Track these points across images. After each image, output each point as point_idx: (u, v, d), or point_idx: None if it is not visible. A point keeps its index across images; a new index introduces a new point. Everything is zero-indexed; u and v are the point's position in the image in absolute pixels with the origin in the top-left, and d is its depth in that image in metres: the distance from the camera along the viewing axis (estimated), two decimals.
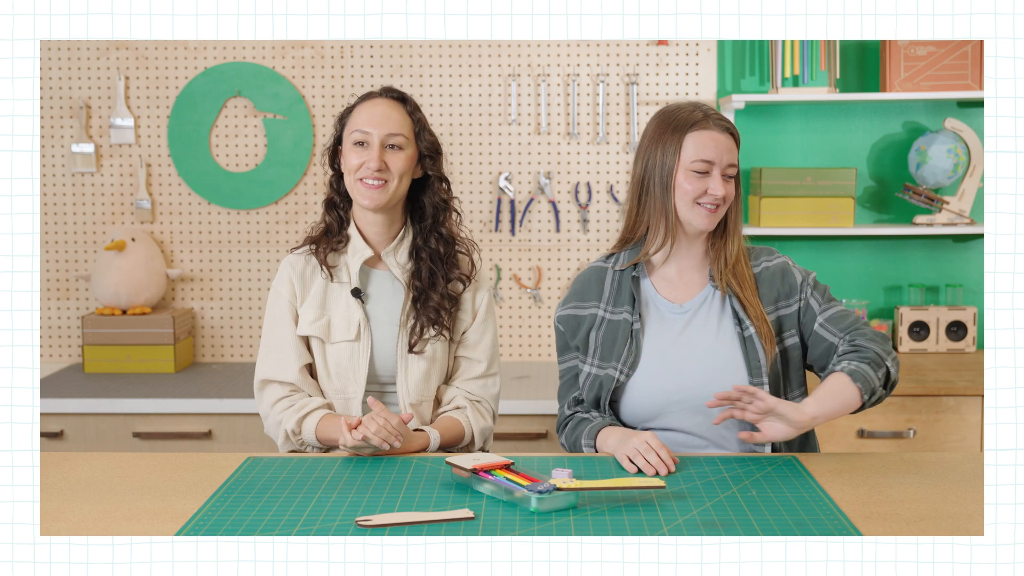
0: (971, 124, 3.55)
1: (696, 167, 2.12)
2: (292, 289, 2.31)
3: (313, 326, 2.28)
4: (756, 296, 2.18)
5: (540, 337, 3.72)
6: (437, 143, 2.33)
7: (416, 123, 2.30)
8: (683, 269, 2.22)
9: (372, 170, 2.22)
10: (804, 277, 2.23)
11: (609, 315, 2.21)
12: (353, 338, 2.27)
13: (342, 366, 2.28)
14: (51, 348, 3.76)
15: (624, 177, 3.67)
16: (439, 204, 2.33)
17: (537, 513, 1.77)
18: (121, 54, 3.69)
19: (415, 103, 2.33)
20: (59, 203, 3.72)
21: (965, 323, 3.56)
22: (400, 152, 2.25)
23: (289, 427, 2.24)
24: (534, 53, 3.65)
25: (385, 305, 2.31)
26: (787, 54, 3.48)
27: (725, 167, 2.13)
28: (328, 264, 2.31)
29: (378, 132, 2.24)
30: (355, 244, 2.31)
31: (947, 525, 1.72)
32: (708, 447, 2.17)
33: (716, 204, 2.13)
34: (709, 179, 2.12)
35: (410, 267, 2.31)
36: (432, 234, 2.32)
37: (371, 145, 2.24)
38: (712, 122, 2.14)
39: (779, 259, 2.24)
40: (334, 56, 3.67)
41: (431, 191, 2.33)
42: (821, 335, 2.18)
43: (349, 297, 2.29)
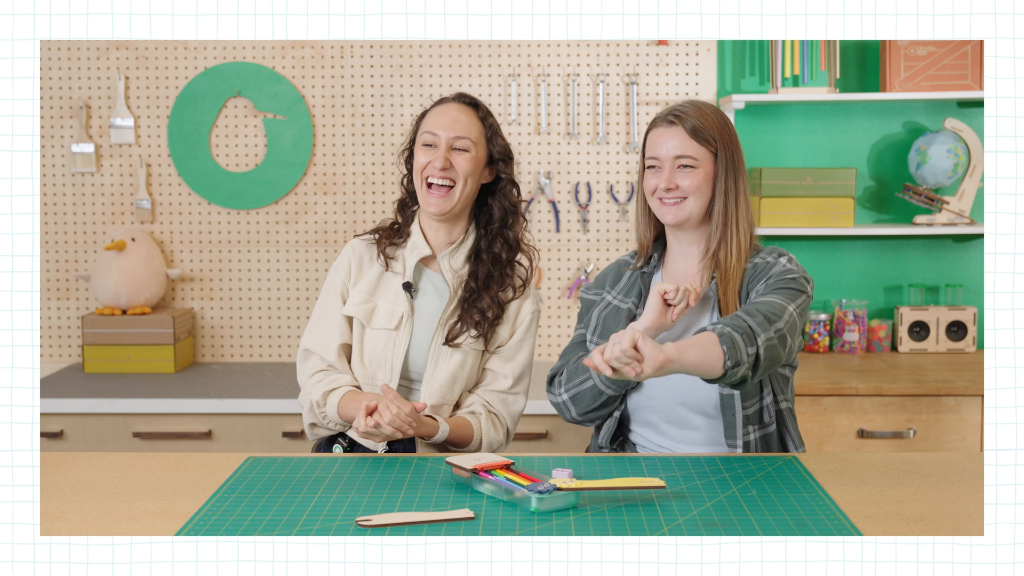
0: (971, 124, 3.55)
1: (649, 163, 2.21)
2: (349, 270, 2.38)
3: (358, 308, 2.33)
4: (736, 295, 2.17)
5: (540, 337, 3.72)
6: (509, 148, 2.38)
7: (488, 128, 2.34)
8: (689, 267, 2.24)
9: (437, 169, 2.27)
10: (779, 274, 2.14)
11: (617, 302, 2.27)
12: (394, 327, 2.31)
13: (376, 353, 2.31)
14: (51, 348, 3.76)
15: (624, 177, 3.67)
16: (508, 208, 2.37)
17: (537, 513, 1.77)
18: (121, 54, 3.69)
19: (487, 109, 2.37)
20: (59, 203, 3.72)
21: (965, 323, 3.56)
22: (466, 154, 2.30)
23: (316, 397, 2.28)
24: (534, 53, 3.65)
25: (431, 303, 2.35)
26: (787, 54, 3.48)
27: (672, 159, 2.16)
28: (387, 255, 2.37)
29: (446, 134, 2.29)
30: (415, 241, 2.36)
31: (947, 525, 1.72)
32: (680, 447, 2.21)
33: (674, 198, 2.16)
34: (659, 174, 2.18)
35: (465, 270, 2.35)
36: (498, 238, 2.36)
37: (438, 146, 2.29)
38: (663, 119, 2.19)
39: (772, 258, 2.20)
40: (334, 56, 3.67)
41: (501, 195, 2.37)
42: None
43: (399, 289, 2.34)
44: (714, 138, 2.16)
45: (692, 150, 2.16)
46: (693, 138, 2.15)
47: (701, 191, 2.16)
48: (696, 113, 2.17)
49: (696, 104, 2.20)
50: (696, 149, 2.16)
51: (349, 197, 3.70)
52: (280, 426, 3.20)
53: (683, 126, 2.16)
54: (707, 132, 2.16)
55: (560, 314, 3.71)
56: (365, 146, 3.69)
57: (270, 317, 3.74)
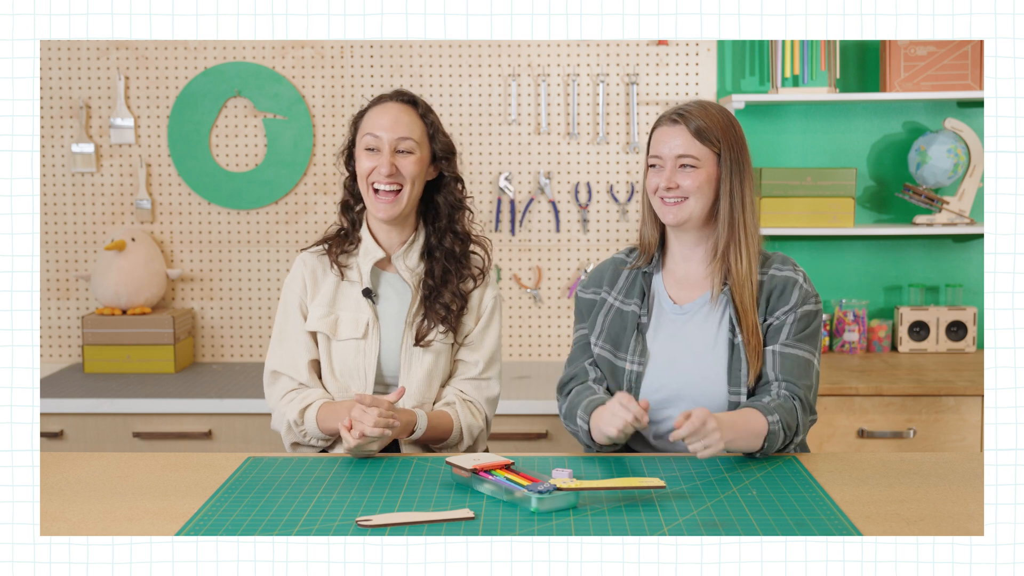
0: (971, 124, 3.55)
1: (652, 162, 2.20)
2: (304, 285, 2.34)
3: (321, 322, 2.30)
4: (755, 305, 2.16)
5: (540, 337, 3.72)
6: (451, 144, 2.35)
7: (428, 125, 2.31)
8: (690, 269, 2.23)
9: (383, 175, 2.24)
10: (799, 303, 2.17)
11: (619, 304, 2.25)
12: (361, 336, 2.29)
13: (347, 364, 2.29)
14: (51, 348, 3.76)
15: (624, 177, 3.67)
16: (455, 203, 2.35)
17: (537, 513, 1.77)
18: (121, 54, 3.69)
19: (427, 105, 2.34)
20: (59, 203, 3.72)
21: (965, 323, 3.56)
22: (411, 156, 2.26)
23: (292, 417, 2.25)
24: (534, 53, 3.65)
25: (393, 306, 2.32)
26: (787, 54, 3.48)
27: (674, 158, 2.15)
28: (340, 264, 2.33)
29: (388, 136, 2.25)
30: (367, 246, 2.33)
31: (948, 525, 1.72)
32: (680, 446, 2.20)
33: (675, 197, 2.15)
34: (660, 173, 2.17)
35: (421, 268, 2.33)
36: (448, 233, 2.34)
37: (382, 150, 2.25)
38: (667, 118, 2.18)
39: (789, 272, 2.20)
40: (334, 56, 3.67)
41: (446, 191, 2.35)
42: (767, 358, 2.16)
43: (359, 296, 2.31)
44: (718, 139, 2.14)
45: (694, 150, 2.14)
46: (696, 138, 2.14)
47: (702, 192, 2.14)
48: (701, 113, 2.15)
49: (702, 104, 2.19)
50: (699, 149, 2.14)
51: None
52: None
53: (686, 125, 2.14)
54: (711, 132, 2.14)
55: (560, 314, 3.71)
56: None
57: (270, 317, 3.74)
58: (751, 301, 2.15)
